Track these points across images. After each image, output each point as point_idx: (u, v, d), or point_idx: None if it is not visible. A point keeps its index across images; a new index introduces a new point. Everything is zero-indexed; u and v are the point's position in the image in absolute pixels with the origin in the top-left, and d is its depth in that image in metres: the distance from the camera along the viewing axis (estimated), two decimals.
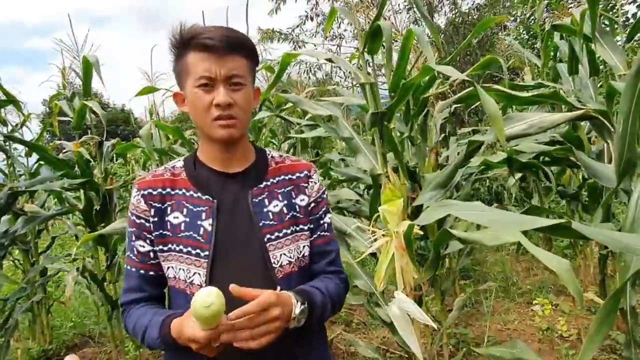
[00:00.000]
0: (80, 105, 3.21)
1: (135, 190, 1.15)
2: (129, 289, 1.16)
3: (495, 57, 2.25)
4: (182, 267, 1.09)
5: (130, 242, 1.15)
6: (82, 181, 3.05)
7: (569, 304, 3.82)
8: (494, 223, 0.85)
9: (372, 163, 1.94)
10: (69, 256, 3.56)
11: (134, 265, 1.15)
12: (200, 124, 1.11)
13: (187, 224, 1.10)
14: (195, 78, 1.06)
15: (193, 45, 1.06)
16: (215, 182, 1.15)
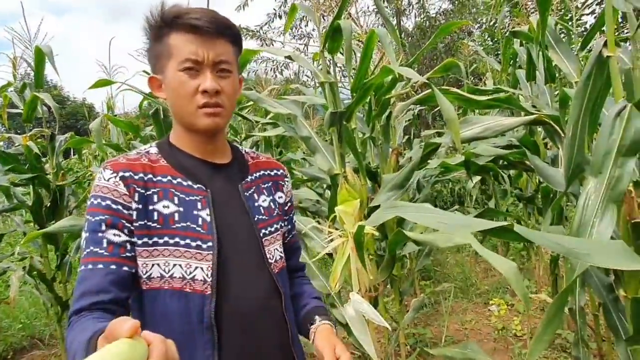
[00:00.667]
0: (31, 96, 3.07)
1: (110, 172, 0.95)
2: (85, 292, 0.88)
3: (455, 61, 2.28)
4: (179, 263, 0.94)
5: (97, 233, 0.91)
6: (30, 176, 2.91)
7: (523, 304, 3.93)
8: (442, 225, 0.84)
9: (330, 163, 1.92)
10: (18, 254, 3.39)
11: (100, 261, 0.90)
12: (181, 111, 1.00)
13: (182, 214, 0.97)
14: (179, 61, 0.96)
15: (177, 25, 0.97)
16: (202, 172, 1.04)
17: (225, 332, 0.96)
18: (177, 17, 0.97)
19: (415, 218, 0.93)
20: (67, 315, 0.90)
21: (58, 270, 3.22)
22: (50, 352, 3.97)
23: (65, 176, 3.23)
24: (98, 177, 0.96)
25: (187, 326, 0.93)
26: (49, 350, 4.05)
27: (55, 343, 4.16)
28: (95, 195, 0.94)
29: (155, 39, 1.01)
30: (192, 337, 0.94)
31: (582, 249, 0.77)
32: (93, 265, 0.90)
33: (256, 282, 1.02)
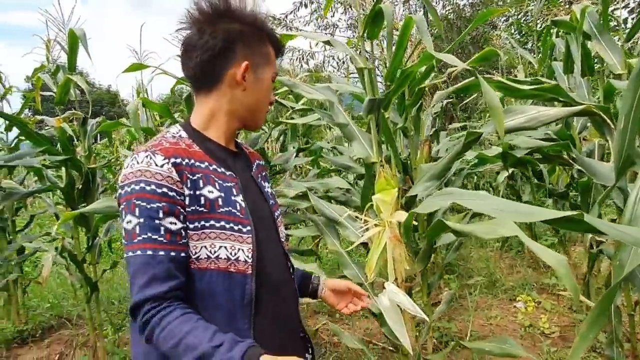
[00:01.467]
0: (64, 79, 3.10)
1: (162, 158, 0.97)
2: (153, 278, 0.92)
3: (494, 49, 2.21)
4: (224, 245, 0.99)
5: (154, 220, 0.94)
6: (63, 158, 2.95)
7: (551, 301, 3.85)
8: (499, 212, 0.81)
9: (367, 151, 1.89)
10: (48, 235, 3.45)
11: (160, 248, 0.93)
12: (255, 107, 1.13)
13: (224, 199, 1.02)
14: (274, 72, 1.14)
15: (274, 42, 1.14)
16: (227, 159, 1.11)
17: (259, 305, 1.04)
18: (274, 36, 1.14)
19: (472, 205, 0.90)
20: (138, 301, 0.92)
21: (88, 252, 3.27)
22: (78, 332, 4.05)
23: (96, 159, 3.27)
24: (146, 161, 0.96)
25: (230, 302, 1.00)
26: (77, 330, 4.13)
27: (82, 323, 4.25)
28: (147, 181, 0.94)
29: (253, 36, 1.09)
30: (234, 311, 1.01)
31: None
32: (153, 252, 0.93)
33: (278, 259, 1.16)
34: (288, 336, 1.15)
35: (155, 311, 0.91)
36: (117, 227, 3.61)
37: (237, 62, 1.06)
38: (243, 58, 1.07)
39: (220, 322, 0.95)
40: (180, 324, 0.89)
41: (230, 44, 1.06)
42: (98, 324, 3.42)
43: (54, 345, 3.92)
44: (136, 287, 0.92)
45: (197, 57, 1.05)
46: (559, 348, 3.10)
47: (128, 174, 0.97)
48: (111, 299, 4.87)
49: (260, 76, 1.10)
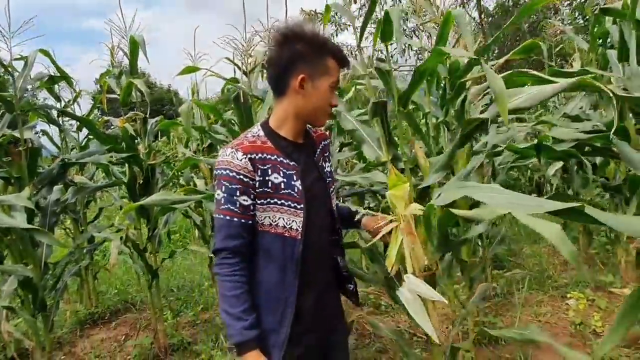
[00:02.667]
0: (126, 82, 3.37)
1: (242, 154, 1.34)
2: (229, 235, 1.34)
3: (536, 42, 2.18)
4: (282, 217, 1.37)
5: (233, 197, 1.33)
6: (126, 155, 3.22)
7: (606, 300, 3.71)
8: (512, 206, 0.86)
9: (376, 152, 1.96)
10: (114, 226, 3.77)
11: (235, 216, 1.33)
12: (313, 110, 1.42)
13: (285, 184, 1.38)
14: (332, 81, 1.40)
15: (335, 55, 1.41)
16: (292, 151, 1.45)
17: (305, 264, 1.40)
18: (336, 49, 1.42)
19: (485, 198, 0.95)
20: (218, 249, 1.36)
21: (149, 242, 3.54)
22: (141, 316, 4.39)
23: (156, 156, 3.52)
24: (231, 155, 1.35)
25: (282, 259, 1.38)
26: (140, 314, 4.47)
27: (144, 308, 4.59)
28: (231, 169, 1.33)
29: (312, 53, 1.38)
30: (284, 266, 1.38)
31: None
32: (230, 218, 1.34)
33: (326, 226, 1.53)
34: (324, 288, 1.53)
35: (228, 260, 1.34)
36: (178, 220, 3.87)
37: (295, 75, 1.37)
38: (301, 72, 1.37)
39: (274, 271, 1.38)
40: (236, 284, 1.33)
41: (293, 60, 1.37)
42: (159, 309, 3.70)
43: (121, 327, 4.27)
44: (219, 237, 1.35)
45: (272, 72, 1.43)
46: None
47: (220, 161, 1.37)
48: (170, 286, 5.21)
49: (317, 85, 1.39)
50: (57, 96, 4.22)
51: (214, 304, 4.53)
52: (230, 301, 1.31)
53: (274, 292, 1.39)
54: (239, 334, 1.29)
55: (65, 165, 2.99)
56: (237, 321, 1.29)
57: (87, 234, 3.81)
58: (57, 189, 3.15)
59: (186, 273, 5.69)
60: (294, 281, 1.39)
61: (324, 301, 1.53)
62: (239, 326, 1.29)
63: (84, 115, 4.19)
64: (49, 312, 2.80)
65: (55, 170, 2.91)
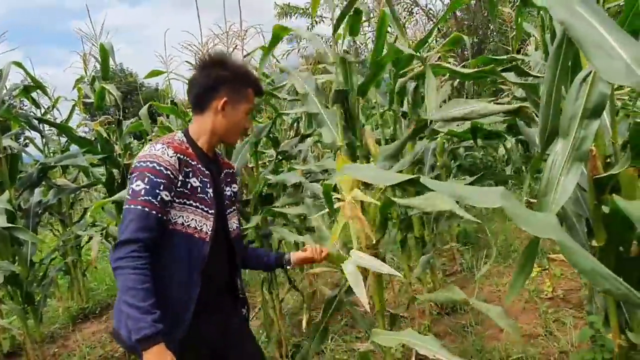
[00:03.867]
0: (99, 88, 3.57)
1: (172, 152, 1.41)
2: (143, 227, 1.32)
3: (459, 35, 2.43)
4: (195, 219, 1.46)
5: (156, 190, 1.35)
6: (102, 156, 3.43)
7: (562, 268, 3.98)
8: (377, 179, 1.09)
9: (334, 136, 2.18)
10: (94, 225, 3.99)
11: (153, 209, 1.34)
12: (229, 129, 1.57)
13: (201, 189, 1.49)
14: (249, 107, 1.60)
15: (255, 86, 1.61)
16: (208, 162, 1.58)
17: (208, 266, 1.48)
18: (256, 82, 1.62)
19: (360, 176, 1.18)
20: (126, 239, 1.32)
21: None
22: None
23: (132, 156, 3.74)
24: (161, 150, 1.41)
25: (188, 259, 1.45)
26: None
27: None
28: (158, 163, 1.38)
29: (238, 82, 1.56)
30: (190, 265, 1.45)
31: (465, 193, 0.98)
32: (149, 210, 1.34)
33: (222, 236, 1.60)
34: (220, 291, 1.64)
35: (136, 254, 1.31)
36: None
37: (219, 97, 1.52)
38: (224, 95, 1.52)
39: (179, 270, 1.44)
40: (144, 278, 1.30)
41: (218, 83, 1.53)
42: None
43: (111, 320, 4.49)
44: (131, 229, 1.32)
45: (196, 90, 1.56)
46: (556, 309, 3.28)
47: (146, 154, 1.41)
48: None
49: (236, 108, 1.55)
50: (36, 103, 4.41)
51: None
52: (139, 295, 1.27)
53: (179, 289, 1.42)
54: (149, 327, 1.24)
55: (45, 169, 3.20)
56: (146, 314, 1.25)
57: (71, 232, 4.03)
58: (39, 191, 3.37)
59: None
60: (198, 279, 1.44)
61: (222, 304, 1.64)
62: (149, 319, 1.25)
63: (63, 121, 4.38)
64: (37, 305, 3.02)
65: (34, 174, 3.12)
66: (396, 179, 1.06)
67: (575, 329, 2.90)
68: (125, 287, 1.29)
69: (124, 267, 1.30)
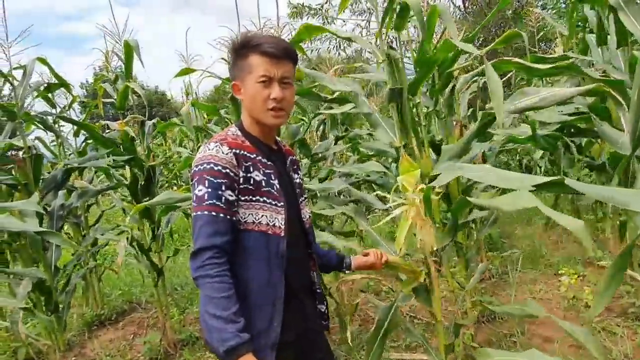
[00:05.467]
0: (123, 87, 3.44)
1: (227, 148, 1.32)
2: (217, 232, 1.25)
3: (517, 31, 2.30)
4: (265, 214, 1.35)
5: (218, 192, 1.27)
6: (127, 158, 3.29)
7: (596, 274, 3.87)
8: (500, 181, 0.97)
9: (391, 137, 2.06)
10: (118, 227, 3.85)
11: (221, 212, 1.27)
12: (255, 110, 1.39)
13: (265, 182, 1.38)
14: (257, 76, 1.36)
15: (257, 50, 1.37)
16: (269, 152, 1.47)
17: (288, 261, 1.38)
18: (257, 44, 1.37)
19: (478, 177, 1.06)
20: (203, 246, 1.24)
21: (153, 242, 3.63)
22: (147, 315, 4.48)
23: (155, 157, 3.60)
24: (215, 149, 1.32)
25: (267, 256, 1.35)
26: (146, 313, 4.56)
27: (149, 307, 4.69)
28: (215, 163, 1.30)
29: (238, 57, 1.40)
30: (270, 263, 1.35)
31: (622, 196, 0.87)
32: (216, 214, 1.27)
33: (299, 229, 1.52)
34: (304, 287, 1.53)
35: (214, 260, 1.23)
36: (177, 219, 3.95)
37: (233, 82, 1.44)
38: (234, 77, 1.44)
39: (260, 269, 1.34)
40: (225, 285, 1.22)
41: (230, 69, 1.46)
42: (165, 306, 3.80)
43: (128, 327, 4.35)
44: (203, 235, 1.25)
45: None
46: (601, 318, 3.15)
47: (202, 157, 1.32)
48: (174, 284, 5.30)
49: (247, 85, 1.39)
50: (52, 103, 4.27)
51: None
52: (221, 303, 1.20)
53: (262, 291, 1.34)
54: (235, 337, 1.18)
55: (69, 171, 3.06)
56: (230, 324, 1.18)
57: (91, 237, 3.88)
58: (61, 193, 3.23)
59: (187, 271, 5.77)
60: (281, 278, 1.36)
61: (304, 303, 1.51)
62: (234, 329, 1.19)
63: (80, 120, 4.24)
64: (61, 313, 2.88)
65: (59, 175, 2.98)
66: (533, 181, 0.94)
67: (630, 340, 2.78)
68: (206, 297, 1.22)
69: (204, 275, 1.23)
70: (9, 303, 2.09)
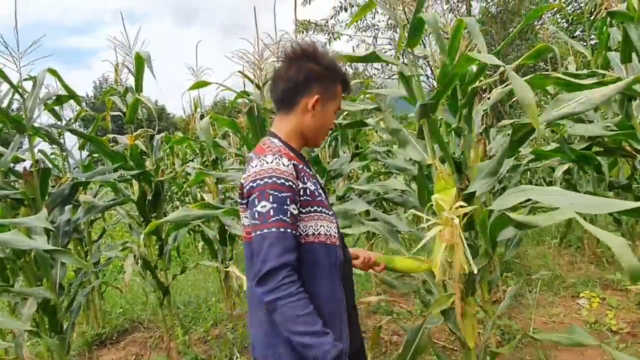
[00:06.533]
0: (133, 100, 3.35)
1: (287, 160, 1.29)
2: (286, 249, 1.20)
3: (547, 45, 2.23)
4: (322, 224, 1.33)
5: (284, 206, 1.22)
6: (137, 172, 3.19)
7: (616, 297, 3.75)
8: (577, 207, 0.87)
9: (421, 154, 1.97)
10: (125, 243, 3.73)
11: (288, 227, 1.22)
12: (317, 130, 1.44)
13: (317, 191, 1.36)
14: (337, 106, 1.46)
15: (343, 81, 1.46)
16: (307, 163, 1.47)
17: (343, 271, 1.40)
18: (345, 78, 1.47)
19: (547, 200, 0.96)
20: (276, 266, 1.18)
21: (159, 259, 3.51)
22: (150, 335, 4.32)
23: (164, 172, 3.50)
24: (276, 162, 1.28)
25: (329, 268, 1.32)
26: (148, 332, 4.40)
27: (152, 326, 4.53)
28: (278, 177, 1.25)
29: (329, 78, 1.42)
30: (331, 272, 1.33)
31: None
32: (284, 230, 1.21)
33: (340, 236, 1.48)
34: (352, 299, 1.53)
35: (289, 279, 1.18)
36: (183, 236, 3.83)
37: (310, 95, 1.39)
38: (316, 92, 1.39)
39: (324, 283, 1.30)
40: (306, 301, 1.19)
41: (309, 80, 1.39)
42: (170, 327, 3.66)
43: (130, 347, 4.20)
44: (272, 255, 1.18)
45: (283, 86, 1.41)
46: (627, 344, 3.03)
47: (260, 171, 1.27)
48: (177, 303, 5.14)
49: (326, 108, 1.42)
50: (58, 116, 4.18)
51: (224, 319, 4.48)
52: (307, 320, 1.17)
53: (328, 306, 1.30)
54: (334, 347, 1.16)
55: (76, 185, 2.96)
56: (324, 336, 1.16)
57: (99, 253, 3.76)
58: (67, 208, 3.12)
59: (190, 289, 5.62)
60: (341, 290, 1.36)
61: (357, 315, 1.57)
62: (329, 340, 1.17)
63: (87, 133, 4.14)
64: (64, 334, 2.75)
65: (66, 190, 2.87)
66: (616, 205, 0.84)
67: None
68: (291, 317, 1.17)
69: (283, 296, 1.17)
70: (15, 325, 1.97)
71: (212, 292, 5.30)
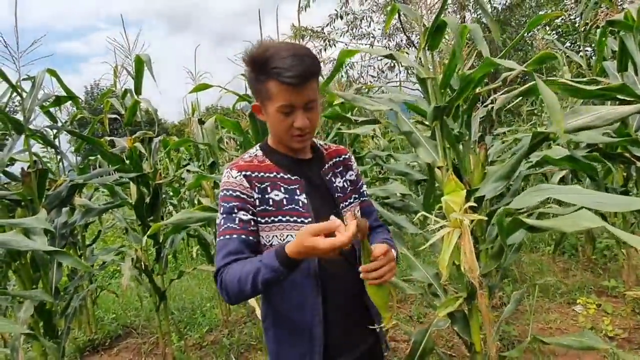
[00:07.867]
0: (132, 102, 3.34)
1: (236, 172, 1.31)
2: (228, 252, 1.23)
3: (550, 53, 2.26)
4: (290, 233, 1.28)
5: (231, 215, 1.26)
6: (135, 175, 3.16)
7: (612, 304, 3.78)
8: (600, 205, 0.88)
9: (432, 156, 1.98)
10: (121, 247, 3.68)
11: (235, 233, 1.25)
12: (280, 136, 1.33)
13: (288, 199, 1.31)
14: (277, 105, 1.24)
15: (274, 75, 1.19)
16: (295, 166, 1.38)
17: (325, 281, 1.30)
18: (274, 69, 1.19)
19: (568, 198, 0.97)
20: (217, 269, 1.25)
21: (156, 263, 3.47)
22: (143, 340, 4.26)
23: (162, 175, 3.48)
24: (227, 175, 1.32)
25: (299, 278, 1.27)
26: (142, 338, 4.34)
27: (146, 332, 4.46)
28: (227, 188, 1.30)
29: (256, 77, 1.26)
30: (302, 285, 1.29)
31: None
32: (230, 236, 1.25)
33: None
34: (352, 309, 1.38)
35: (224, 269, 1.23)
36: (181, 240, 3.79)
37: (256, 101, 1.35)
38: (256, 98, 1.33)
39: (291, 293, 1.29)
40: (236, 266, 1.21)
41: (251, 87, 1.35)
42: (165, 332, 3.61)
43: (123, 353, 4.13)
44: (219, 259, 1.24)
45: None
46: (625, 349, 3.05)
47: (221, 184, 1.34)
48: (171, 308, 5.08)
49: (268, 110, 1.29)
50: (54, 118, 4.13)
51: (219, 325, 4.43)
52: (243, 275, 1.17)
53: (296, 319, 1.30)
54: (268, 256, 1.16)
55: (74, 187, 2.92)
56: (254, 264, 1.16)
57: (95, 257, 3.71)
58: (64, 211, 3.08)
59: (185, 295, 5.56)
60: (316, 301, 1.29)
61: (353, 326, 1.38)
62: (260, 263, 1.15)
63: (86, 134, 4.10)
64: (59, 338, 2.70)
65: (64, 192, 2.84)
66: (635, 204, 0.85)
67: None
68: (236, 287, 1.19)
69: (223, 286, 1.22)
70: (11, 329, 1.92)
71: (206, 297, 5.25)
